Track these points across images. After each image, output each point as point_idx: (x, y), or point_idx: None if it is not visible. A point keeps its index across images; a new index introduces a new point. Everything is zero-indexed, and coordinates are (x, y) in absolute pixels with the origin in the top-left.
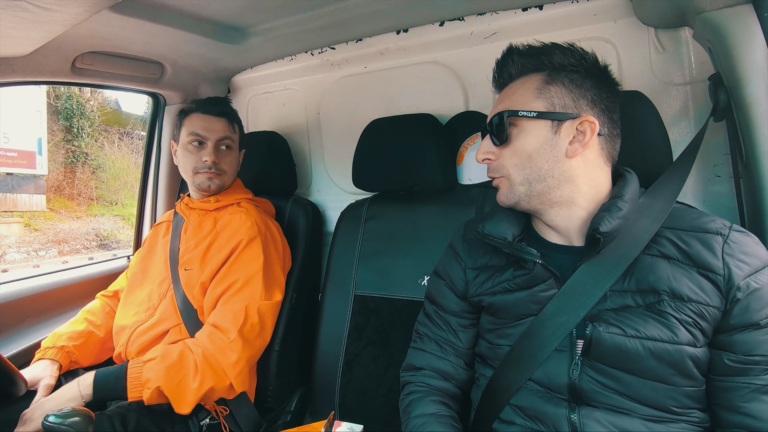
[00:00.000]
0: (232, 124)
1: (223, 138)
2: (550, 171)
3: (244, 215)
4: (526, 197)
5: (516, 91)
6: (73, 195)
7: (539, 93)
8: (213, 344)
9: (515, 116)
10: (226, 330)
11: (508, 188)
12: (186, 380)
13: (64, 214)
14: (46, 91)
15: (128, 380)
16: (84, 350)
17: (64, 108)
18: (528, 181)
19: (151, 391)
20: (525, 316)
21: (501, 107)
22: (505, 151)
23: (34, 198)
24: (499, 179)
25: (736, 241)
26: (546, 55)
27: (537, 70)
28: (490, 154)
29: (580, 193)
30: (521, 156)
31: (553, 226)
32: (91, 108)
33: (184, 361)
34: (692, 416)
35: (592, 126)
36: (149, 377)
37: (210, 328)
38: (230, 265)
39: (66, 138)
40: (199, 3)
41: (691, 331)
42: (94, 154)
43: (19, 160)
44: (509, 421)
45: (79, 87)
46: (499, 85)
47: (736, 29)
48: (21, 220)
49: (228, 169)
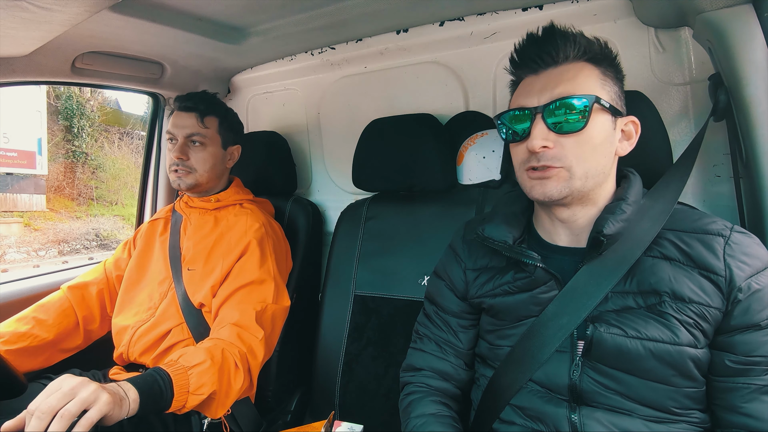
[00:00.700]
0: (203, 119)
1: (191, 134)
2: (605, 167)
3: (251, 217)
4: (578, 193)
5: (576, 75)
6: (73, 195)
7: (602, 84)
8: (244, 344)
9: (598, 104)
10: (255, 330)
11: (565, 180)
12: (232, 382)
13: (64, 214)
14: (46, 91)
15: (176, 390)
16: (22, 355)
17: (64, 108)
18: (586, 175)
19: (204, 397)
20: (525, 318)
21: (567, 90)
22: (569, 141)
23: (34, 198)
24: (556, 170)
25: (738, 242)
26: (598, 43)
27: (594, 59)
28: (548, 141)
29: (604, 193)
30: (586, 147)
31: (569, 224)
32: (91, 108)
33: (227, 362)
34: (692, 417)
35: (636, 126)
36: (203, 383)
37: (237, 329)
38: (242, 264)
39: (66, 138)
40: (199, 3)
41: (692, 332)
42: (94, 154)
43: (19, 160)
44: (509, 421)
45: (79, 87)
46: (543, 62)
47: (736, 29)
48: (21, 220)
49: (199, 166)
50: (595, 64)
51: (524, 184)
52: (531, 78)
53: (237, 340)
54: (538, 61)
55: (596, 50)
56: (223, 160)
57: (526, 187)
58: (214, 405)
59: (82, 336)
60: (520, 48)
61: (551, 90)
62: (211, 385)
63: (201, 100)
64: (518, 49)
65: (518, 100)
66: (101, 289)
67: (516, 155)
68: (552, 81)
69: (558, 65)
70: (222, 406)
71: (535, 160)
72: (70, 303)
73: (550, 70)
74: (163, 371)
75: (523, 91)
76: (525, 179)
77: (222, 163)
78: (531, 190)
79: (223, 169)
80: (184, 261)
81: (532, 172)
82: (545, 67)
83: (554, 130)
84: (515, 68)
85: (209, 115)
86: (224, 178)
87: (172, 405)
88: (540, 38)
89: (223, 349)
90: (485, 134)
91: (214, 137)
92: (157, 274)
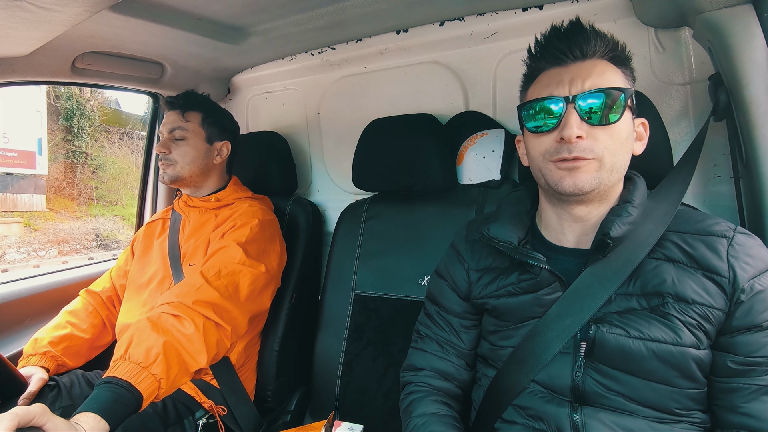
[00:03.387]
0: (184, 114)
1: (172, 129)
2: (626, 163)
3: (247, 206)
4: (604, 186)
5: (605, 71)
6: (73, 195)
7: (625, 82)
8: (177, 294)
9: (631, 99)
10: (192, 284)
11: (595, 171)
12: (179, 338)
13: (64, 214)
14: (46, 91)
15: (139, 388)
16: (68, 353)
17: (64, 108)
18: (613, 168)
19: (167, 380)
20: (529, 319)
21: (600, 83)
22: (601, 133)
23: (34, 198)
24: (588, 161)
25: (741, 244)
26: (620, 45)
27: (616, 58)
28: (582, 131)
29: (617, 192)
30: (617, 140)
31: (582, 223)
32: (91, 108)
33: (162, 317)
34: (693, 417)
35: (646, 128)
36: (157, 372)
37: (177, 289)
38: (217, 239)
39: (66, 138)
40: (199, 3)
41: (695, 333)
42: (94, 154)
43: (19, 160)
44: (511, 420)
45: (80, 87)
46: (572, 54)
47: (736, 29)
48: (21, 220)
49: (179, 159)
50: (617, 64)
51: (550, 175)
52: (557, 69)
53: (170, 297)
54: (568, 54)
55: (619, 51)
56: (208, 154)
57: (553, 178)
58: (189, 363)
59: (110, 333)
60: (545, 40)
61: (582, 81)
62: (163, 368)
63: (183, 96)
64: (542, 41)
65: (545, 89)
66: (110, 296)
67: (537, 146)
68: (582, 73)
69: (585, 59)
70: (194, 358)
71: (566, 150)
72: (93, 306)
73: (579, 63)
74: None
75: (551, 82)
76: (552, 170)
77: (206, 158)
78: (560, 181)
79: (208, 163)
80: (184, 258)
81: (562, 163)
82: (573, 60)
83: (588, 121)
84: (536, 60)
85: (191, 110)
86: (216, 175)
87: (144, 403)
88: (569, 31)
89: (148, 318)
90: (485, 134)
91: (196, 131)
92: (157, 273)
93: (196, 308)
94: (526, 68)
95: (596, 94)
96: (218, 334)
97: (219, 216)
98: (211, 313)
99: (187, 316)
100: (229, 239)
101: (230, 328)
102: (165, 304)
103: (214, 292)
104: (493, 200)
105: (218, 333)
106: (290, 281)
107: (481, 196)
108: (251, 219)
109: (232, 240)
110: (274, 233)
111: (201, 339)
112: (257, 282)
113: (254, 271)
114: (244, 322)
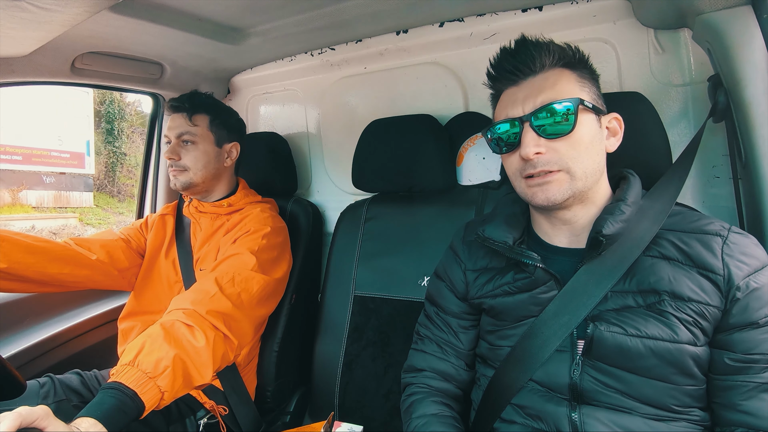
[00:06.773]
0: (191, 117)
1: (181, 134)
2: (599, 164)
3: (258, 210)
4: (579, 194)
5: (556, 82)
6: (113, 192)
7: (581, 86)
8: (195, 302)
9: (582, 105)
10: (209, 286)
11: (568, 182)
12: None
13: (109, 210)
14: (92, 97)
15: (143, 398)
16: (70, 263)
17: (106, 112)
18: (586, 174)
19: (170, 392)
20: (525, 318)
21: (550, 96)
22: (560, 144)
23: (83, 195)
24: (555, 173)
25: (735, 242)
26: (570, 49)
27: (569, 64)
28: (540, 147)
29: (602, 192)
30: (580, 147)
31: (571, 225)
32: (130, 112)
33: (174, 326)
34: (692, 415)
35: (620, 122)
36: (162, 385)
37: (191, 295)
38: (229, 245)
39: (107, 140)
40: (199, 3)
41: (692, 330)
42: (131, 154)
43: (71, 160)
44: (510, 420)
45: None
46: (522, 73)
47: (735, 30)
48: (76, 215)
49: (191, 165)
50: (571, 68)
51: (524, 192)
52: (512, 89)
53: (184, 303)
54: (517, 73)
55: (570, 56)
56: (218, 158)
57: (526, 195)
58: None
59: (70, 263)
60: (496, 62)
61: (534, 98)
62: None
63: (188, 99)
64: (494, 63)
65: (503, 111)
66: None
67: (509, 165)
68: (534, 89)
69: (536, 74)
70: (201, 371)
71: (530, 167)
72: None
73: (530, 80)
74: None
75: (507, 103)
76: (524, 187)
77: (217, 161)
78: (533, 197)
79: (219, 167)
80: (196, 263)
81: (530, 180)
82: (524, 77)
83: (544, 136)
84: (494, 81)
85: (198, 113)
86: (226, 179)
87: (146, 411)
88: (514, 50)
89: (162, 324)
90: None
91: (205, 135)
92: (165, 278)
93: (209, 318)
94: (490, 89)
95: (545, 109)
96: (225, 347)
97: (230, 220)
98: (221, 324)
99: (200, 327)
100: (243, 246)
101: (237, 341)
102: (179, 310)
103: (227, 302)
104: (492, 201)
105: (225, 346)
106: (290, 282)
107: (480, 197)
108: (264, 226)
109: (245, 248)
110: (285, 240)
111: (210, 353)
112: (268, 288)
113: (267, 278)
114: (251, 331)
